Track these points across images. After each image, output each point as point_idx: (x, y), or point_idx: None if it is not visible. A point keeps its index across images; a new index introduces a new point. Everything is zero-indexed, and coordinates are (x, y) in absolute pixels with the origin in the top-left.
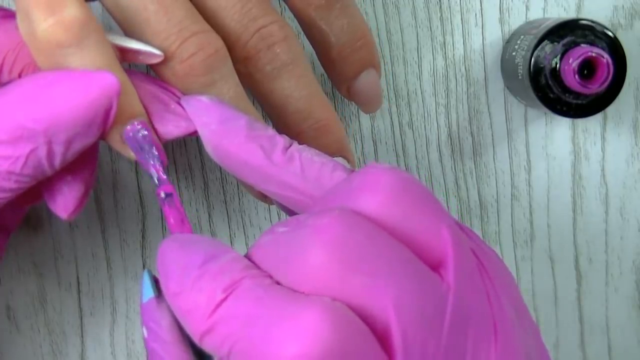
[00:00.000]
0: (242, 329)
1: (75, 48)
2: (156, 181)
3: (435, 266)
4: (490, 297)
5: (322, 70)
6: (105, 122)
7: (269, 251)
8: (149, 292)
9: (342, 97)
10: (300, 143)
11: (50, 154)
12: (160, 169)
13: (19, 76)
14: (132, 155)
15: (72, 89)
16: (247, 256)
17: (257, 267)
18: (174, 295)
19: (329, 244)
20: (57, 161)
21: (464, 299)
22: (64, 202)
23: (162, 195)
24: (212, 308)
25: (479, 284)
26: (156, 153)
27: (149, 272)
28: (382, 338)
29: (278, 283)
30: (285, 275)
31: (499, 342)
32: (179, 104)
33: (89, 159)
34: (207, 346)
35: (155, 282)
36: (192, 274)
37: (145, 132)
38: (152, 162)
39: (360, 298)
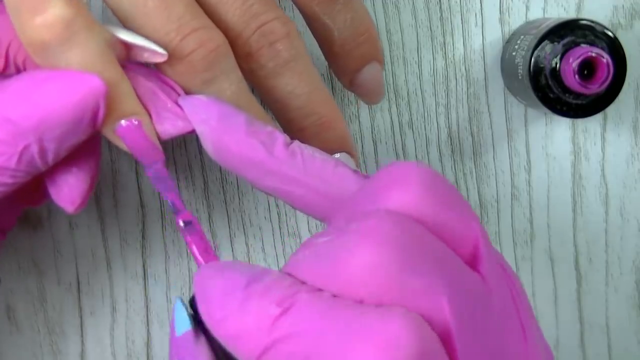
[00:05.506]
0: (312, 346)
1: (61, 47)
2: (173, 209)
3: (469, 260)
4: (513, 295)
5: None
6: (94, 121)
7: (311, 264)
8: (184, 325)
9: (343, 98)
10: (303, 139)
11: (42, 151)
12: (178, 197)
13: (23, 64)
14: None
15: (59, 89)
16: (287, 274)
17: (303, 282)
18: (219, 321)
19: (382, 245)
20: (50, 158)
21: (500, 297)
22: (71, 194)
23: (181, 224)
24: (268, 327)
25: (505, 281)
26: (173, 182)
27: (182, 300)
28: (442, 341)
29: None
30: (337, 285)
31: (528, 341)
32: (177, 103)
33: (92, 150)
34: None
35: (191, 313)
36: (237, 296)
37: (163, 169)
38: (169, 191)
39: (420, 300)
